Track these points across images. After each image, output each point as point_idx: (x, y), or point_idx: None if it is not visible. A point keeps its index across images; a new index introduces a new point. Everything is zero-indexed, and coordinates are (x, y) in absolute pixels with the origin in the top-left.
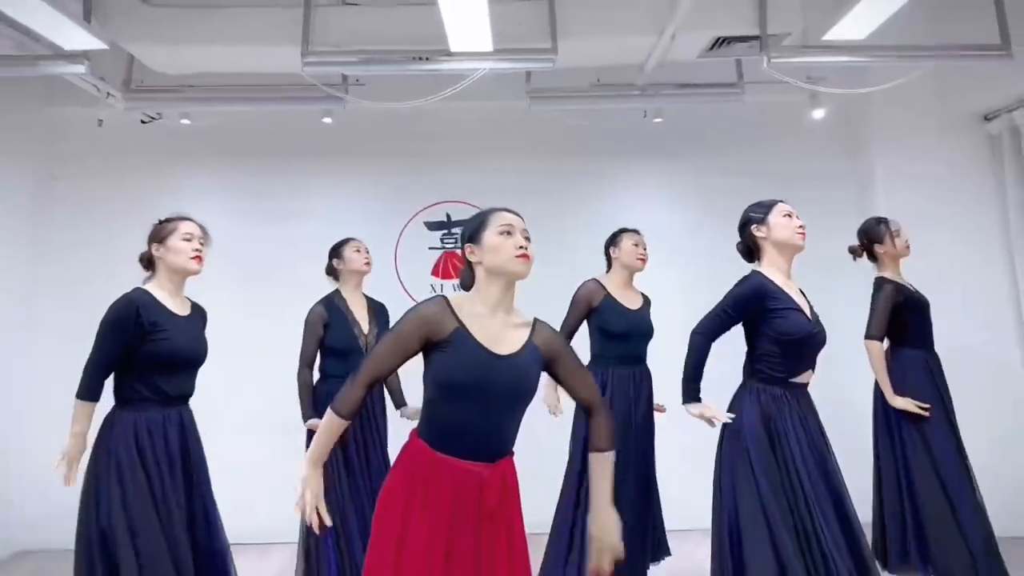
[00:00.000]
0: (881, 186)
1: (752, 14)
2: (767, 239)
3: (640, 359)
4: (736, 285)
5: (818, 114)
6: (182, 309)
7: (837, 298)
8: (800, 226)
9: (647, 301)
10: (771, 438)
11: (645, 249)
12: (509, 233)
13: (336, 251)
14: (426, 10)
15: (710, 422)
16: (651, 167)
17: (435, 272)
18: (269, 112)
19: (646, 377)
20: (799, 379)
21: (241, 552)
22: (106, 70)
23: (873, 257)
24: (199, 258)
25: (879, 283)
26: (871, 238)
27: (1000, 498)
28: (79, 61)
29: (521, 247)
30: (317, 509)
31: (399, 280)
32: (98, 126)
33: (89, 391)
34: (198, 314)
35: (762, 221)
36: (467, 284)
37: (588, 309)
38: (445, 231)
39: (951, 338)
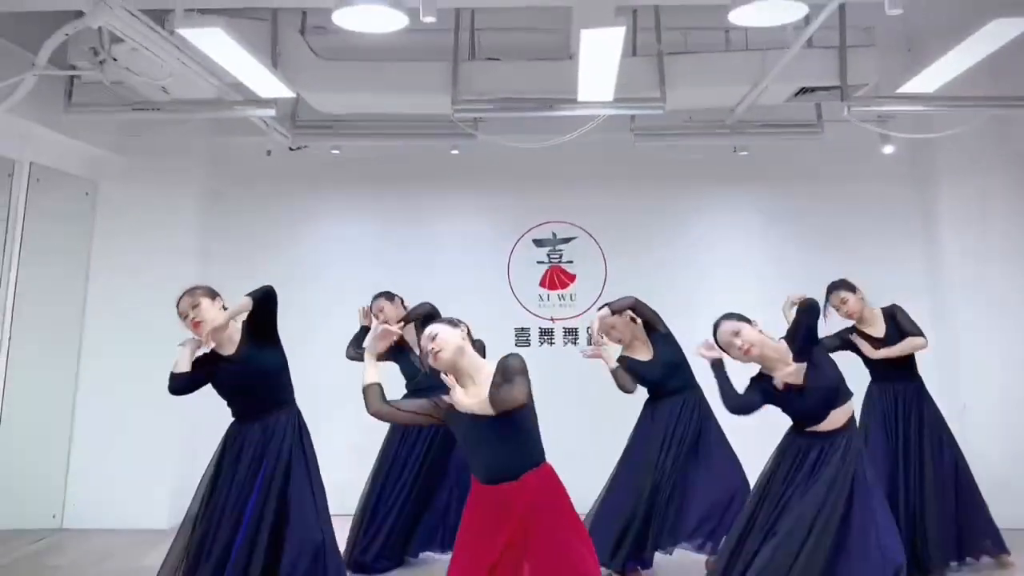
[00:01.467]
0: (945, 220)
1: (834, 67)
2: None
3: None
4: None
5: (888, 150)
6: (228, 349)
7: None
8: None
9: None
10: None
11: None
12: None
13: None
14: (553, 64)
15: None
16: (737, 196)
17: (542, 283)
18: (405, 145)
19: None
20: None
21: None
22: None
23: None
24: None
25: None
26: None
27: None
28: (269, 106)
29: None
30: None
31: (511, 290)
32: (266, 155)
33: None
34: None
35: None
36: None
37: None
38: (551, 247)
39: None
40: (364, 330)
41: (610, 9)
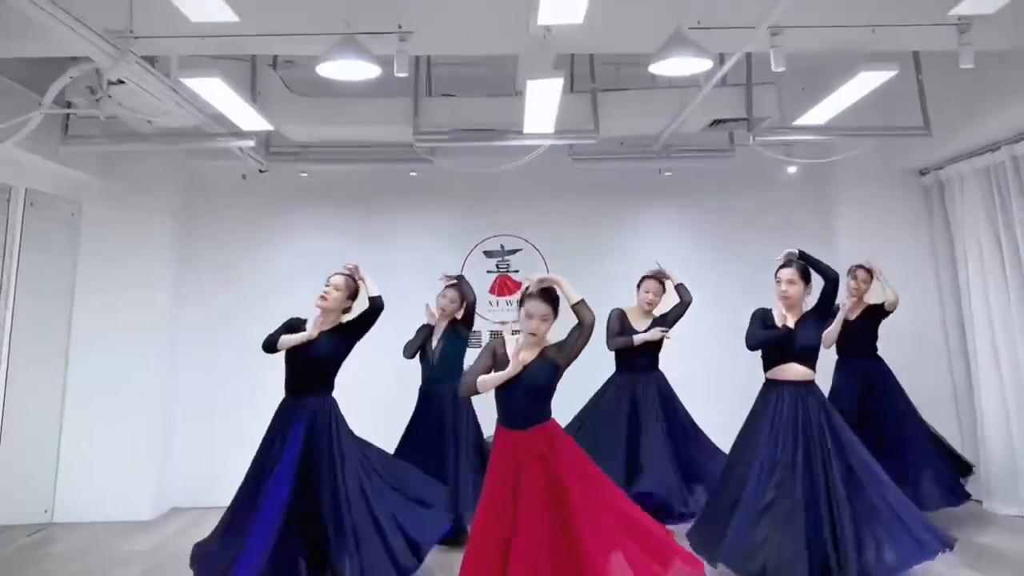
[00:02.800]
0: (842, 226)
1: (741, 103)
2: None
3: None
4: None
5: (791, 169)
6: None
7: None
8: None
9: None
10: None
11: (657, 295)
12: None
13: None
14: (502, 100)
15: None
16: (662, 210)
17: (492, 290)
18: (368, 169)
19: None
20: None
21: None
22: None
23: None
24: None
25: None
26: None
27: None
28: (249, 137)
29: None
30: None
31: None
32: (241, 179)
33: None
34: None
35: None
36: None
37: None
38: (499, 258)
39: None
40: (426, 327)
41: (550, 62)
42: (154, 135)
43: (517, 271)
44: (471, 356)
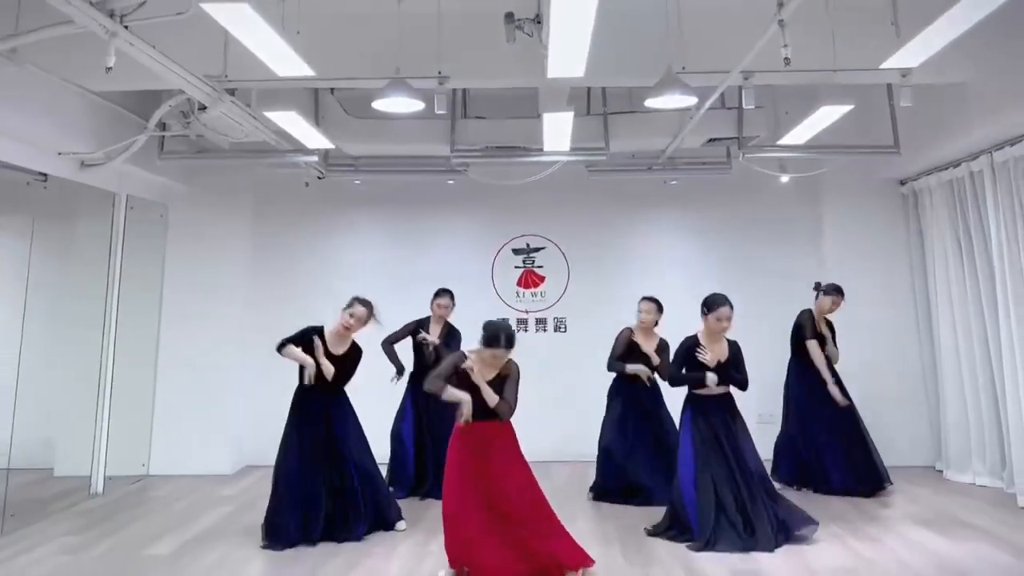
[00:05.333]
0: (828, 230)
1: (734, 125)
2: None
3: None
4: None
5: (784, 179)
6: (339, 349)
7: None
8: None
9: (662, 343)
10: None
11: (651, 314)
12: None
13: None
14: (525, 121)
15: None
16: (668, 215)
17: (519, 283)
18: (411, 179)
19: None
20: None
21: None
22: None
23: None
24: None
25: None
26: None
27: None
28: (313, 153)
29: None
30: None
31: (495, 289)
32: (304, 186)
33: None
34: (347, 354)
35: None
36: None
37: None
38: (526, 255)
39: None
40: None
41: (564, 98)
42: (231, 150)
43: (541, 266)
44: None
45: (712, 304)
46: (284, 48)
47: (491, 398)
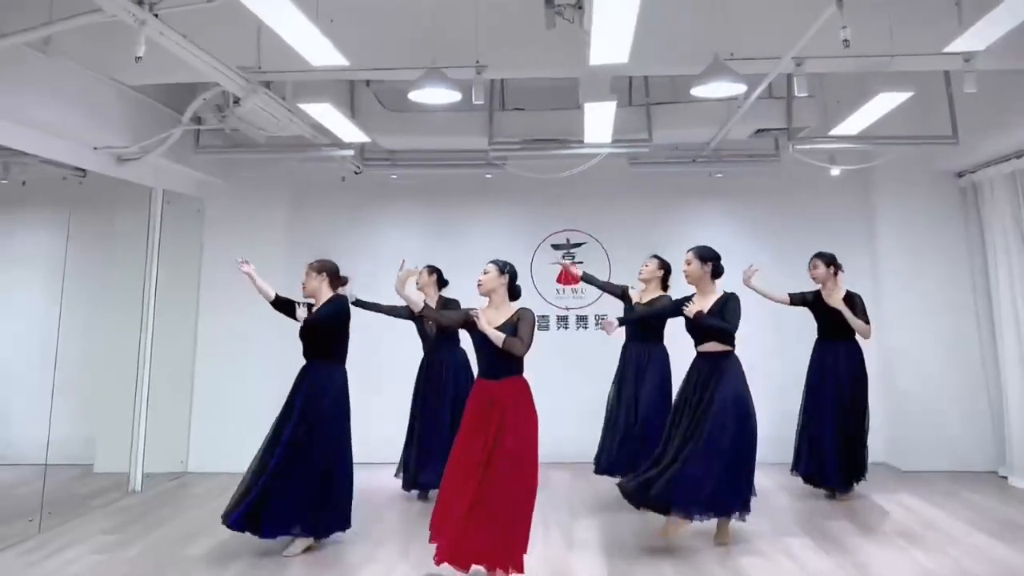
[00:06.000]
0: (882, 225)
1: (783, 115)
2: None
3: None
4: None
5: (835, 171)
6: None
7: None
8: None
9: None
10: None
11: (648, 269)
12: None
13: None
14: (565, 112)
15: None
16: (713, 209)
17: (559, 280)
18: (448, 172)
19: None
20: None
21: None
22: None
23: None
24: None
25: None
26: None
27: None
28: (350, 148)
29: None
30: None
31: (534, 285)
32: (341, 180)
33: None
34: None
35: None
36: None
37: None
38: (565, 251)
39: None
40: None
41: (606, 86)
42: (267, 144)
43: (581, 262)
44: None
45: None
46: (318, 37)
47: (496, 336)
